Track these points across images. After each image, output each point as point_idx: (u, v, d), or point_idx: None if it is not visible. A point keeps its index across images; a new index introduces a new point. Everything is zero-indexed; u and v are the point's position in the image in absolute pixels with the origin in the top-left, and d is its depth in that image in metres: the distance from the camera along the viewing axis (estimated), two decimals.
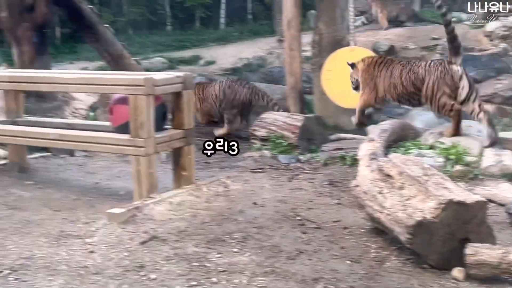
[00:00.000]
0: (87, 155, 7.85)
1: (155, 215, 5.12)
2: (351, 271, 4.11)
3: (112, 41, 11.39)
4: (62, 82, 5.99)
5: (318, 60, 9.22)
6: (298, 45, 8.69)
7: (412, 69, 6.90)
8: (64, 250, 4.47)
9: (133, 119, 5.41)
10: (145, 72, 8.78)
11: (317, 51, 9.38)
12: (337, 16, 9.08)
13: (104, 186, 6.43)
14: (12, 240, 4.70)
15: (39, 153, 7.69)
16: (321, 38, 9.27)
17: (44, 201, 5.80)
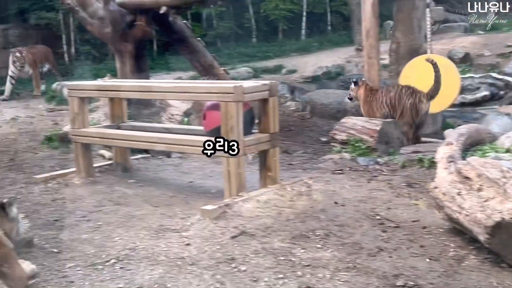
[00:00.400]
0: (182, 157, 8.03)
1: (244, 212, 5.17)
2: (430, 268, 3.99)
3: (203, 53, 11.61)
4: (160, 90, 6.17)
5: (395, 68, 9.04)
6: (377, 53, 8.55)
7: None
8: (163, 242, 4.60)
9: (224, 124, 5.49)
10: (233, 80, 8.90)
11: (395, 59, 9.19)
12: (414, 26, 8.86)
13: (198, 184, 6.56)
14: (117, 232, 4.89)
15: (140, 155, 7.95)
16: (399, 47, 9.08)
17: (145, 197, 5.99)
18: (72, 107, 6.75)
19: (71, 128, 6.90)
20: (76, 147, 6.78)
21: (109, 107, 7.24)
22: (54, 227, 5.08)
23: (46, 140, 8.89)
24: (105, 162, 7.45)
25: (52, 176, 6.75)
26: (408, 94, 7.91)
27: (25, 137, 9.57)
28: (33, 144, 8.97)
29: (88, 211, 5.55)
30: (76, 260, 4.28)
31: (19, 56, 13.38)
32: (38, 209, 5.66)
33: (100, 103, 10.71)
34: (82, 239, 4.75)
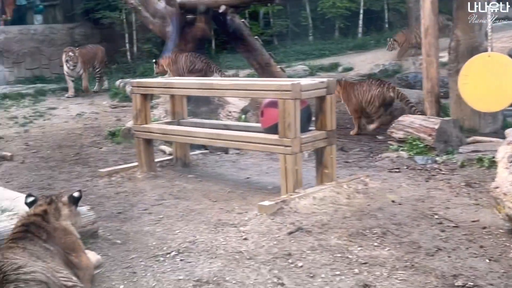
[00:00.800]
0: (239, 153, 8.09)
1: (300, 209, 5.17)
2: (490, 269, 3.88)
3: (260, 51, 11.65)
4: (220, 87, 6.22)
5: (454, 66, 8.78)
6: (436, 51, 8.32)
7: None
8: (222, 236, 4.65)
9: (281, 121, 5.49)
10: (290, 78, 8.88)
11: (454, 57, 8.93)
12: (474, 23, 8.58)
13: (254, 181, 6.60)
14: (178, 226, 4.98)
15: (199, 150, 8.06)
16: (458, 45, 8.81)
17: (203, 192, 6.07)
18: (135, 104, 6.90)
19: (134, 124, 7.07)
20: (138, 142, 6.94)
21: (170, 104, 7.37)
22: (118, 219, 5.22)
23: (109, 135, 9.15)
24: (166, 157, 7.60)
25: (115, 170, 6.93)
26: (376, 85, 9.18)
27: (90, 132, 9.87)
28: (97, 139, 9.25)
29: (149, 205, 5.67)
30: (139, 251, 4.39)
31: (71, 56, 13.68)
32: (103, 202, 5.82)
33: (160, 100, 10.92)
34: (144, 231, 4.86)
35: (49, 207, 3.74)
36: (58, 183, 6.71)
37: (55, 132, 9.92)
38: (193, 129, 6.56)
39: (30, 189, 6.40)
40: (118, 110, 12.03)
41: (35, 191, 6.28)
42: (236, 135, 6.04)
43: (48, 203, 3.77)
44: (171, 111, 7.38)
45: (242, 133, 6.09)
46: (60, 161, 7.91)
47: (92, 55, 14.33)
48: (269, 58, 11.64)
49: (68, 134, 9.80)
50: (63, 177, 6.98)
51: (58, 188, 6.46)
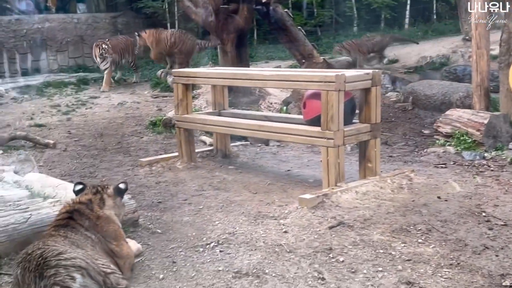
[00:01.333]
0: (279, 145, 8.10)
1: (342, 203, 5.13)
2: None
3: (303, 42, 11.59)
4: (261, 78, 6.21)
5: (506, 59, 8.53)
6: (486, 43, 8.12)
7: None
8: (261, 228, 4.66)
9: (324, 113, 5.45)
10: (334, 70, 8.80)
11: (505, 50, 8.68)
12: None
13: (295, 173, 6.59)
14: (217, 217, 5.01)
15: (239, 142, 8.09)
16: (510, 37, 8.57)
17: (244, 184, 6.10)
18: (177, 93, 6.97)
19: (175, 114, 7.14)
20: (179, 132, 7.01)
21: (211, 94, 7.42)
22: (158, 209, 5.29)
23: (150, 125, 9.27)
24: (206, 148, 7.66)
25: (156, 160, 7.03)
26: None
27: (131, 121, 10.03)
28: (138, 129, 9.39)
29: (189, 195, 5.74)
30: (179, 241, 4.44)
31: (105, 48, 13.83)
32: (143, 191, 5.91)
33: (201, 90, 11.02)
34: (184, 221, 4.92)
35: (94, 196, 3.82)
36: (100, 171, 6.84)
37: (97, 121, 10.11)
38: (234, 120, 6.59)
39: (72, 177, 6.56)
40: (159, 99, 12.17)
41: (76, 179, 6.43)
42: (277, 127, 6.03)
43: (94, 193, 3.85)
44: (212, 102, 7.42)
45: (283, 125, 6.08)
46: (102, 149, 8.06)
47: (123, 46, 14.38)
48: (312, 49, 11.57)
49: (110, 123, 9.98)
50: (105, 166, 7.11)
51: (99, 176, 6.60)
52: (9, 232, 4.07)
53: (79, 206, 3.70)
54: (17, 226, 4.12)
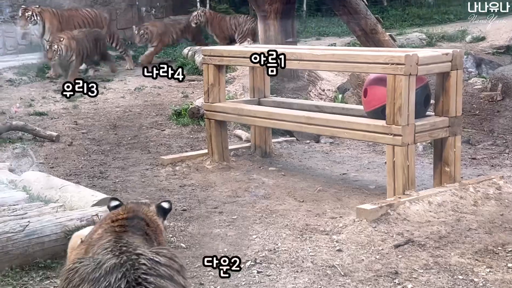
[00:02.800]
0: (333, 142, 8.06)
1: (411, 216, 5.08)
2: None
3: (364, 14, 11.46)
4: (312, 59, 6.19)
5: None
6: None
7: None
8: (309, 245, 4.65)
9: (390, 103, 5.40)
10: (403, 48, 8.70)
11: None
12: None
13: (352, 177, 6.55)
14: (255, 229, 5.03)
15: (283, 137, 8.08)
16: None
17: (287, 190, 6.09)
18: (207, 77, 7.00)
19: (204, 102, 7.18)
20: (209, 124, 7.05)
21: (249, 78, 7.43)
22: (182, 218, 5.34)
23: (174, 115, 9.35)
24: (242, 145, 7.68)
25: (180, 158, 7.08)
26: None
27: (151, 110, 10.13)
28: (159, 120, 9.47)
29: (221, 202, 5.76)
30: None
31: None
32: (164, 196, 5.96)
33: (237, 73, 11.04)
34: (214, 234, 4.95)
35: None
36: (112, 171, 6.94)
37: (109, 109, 10.25)
38: (276, 111, 6.58)
39: (78, 177, 6.67)
40: (185, 84, 12.24)
41: (84, 179, 6.55)
42: (331, 119, 6.01)
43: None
44: (250, 87, 7.44)
45: (338, 117, 6.05)
46: (115, 144, 8.17)
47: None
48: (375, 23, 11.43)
49: (125, 112, 10.10)
50: (118, 164, 7.21)
51: (111, 177, 6.69)
52: (3, 243, 4.17)
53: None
54: (12, 236, 4.21)
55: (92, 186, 6.07)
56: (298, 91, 10.36)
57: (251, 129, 7.50)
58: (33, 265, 4.21)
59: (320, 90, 9.81)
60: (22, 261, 4.18)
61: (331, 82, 9.86)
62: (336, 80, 9.95)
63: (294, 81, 10.88)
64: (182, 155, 7.25)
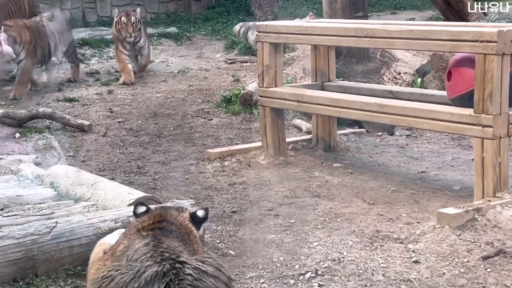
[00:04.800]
0: (410, 135, 7.99)
1: (503, 222, 5.00)
2: None
3: None
4: (385, 36, 6.12)
5: None
6: None
7: None
8: (380, 255, 4.62)
9: (478, 88, 5.33)
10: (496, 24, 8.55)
11: None
12: None
13: (432, 176, 6.48)
14: (316, 236, 5.01)
15: (350, 128, 8.03)
16: None
17: (355, 190, 6.06)
18: (261, 57, 7.01)
19: (258, 87, 7.19)
20: (263, 113, 7.06)
21: (311, 58, 7.41)
22: (232, 221, 5.36)
23: (223, 102, 9.40)
24: (302, 137, 7.68)
25: (230, 152, 7.12)
26: None
27: (197, 96, 10.21)
28: (206, 107, 9.54)
29: (276, 203, 5.77)
30: (260, 268, 4.47)
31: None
32: (211, 195, 6.01)
33: (297, 53, 11.03)
34: (268, 240, 4.95)
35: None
36: (151, 166, 7.02)
37: (148, 95, 10.37)
38: (343, 97, 6.55)
39: (113, 172, 6.76)
40: (236, 66, 12.32)
41: (119, 175, 6.64)
42: (408, 107, 5.94)
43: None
44: (312, 70, 7.42)
45: (416, 105, 5.99)
46: (155, 135, 8.26)
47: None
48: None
49: (167, 98, 10.20)
50: (158, 159, 7.28)
51: (150, 173, 6.77)
52: (27, 246, 4.24)
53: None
54: (38, 238, 4.28)
55: (128, 183, 6.15)
56: (369, 75, 10.30)
57: (313, 119, 7.48)
58: (61, 272, 4.28)
59: (395, 73, 9.72)
60: (49, 267, 4.25)
61: (409, 64, 9.75)
62: (415, 62, 9.83)
63: (364, 63, 10.83)
64: (232, 148, 7.29)
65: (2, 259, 4.12)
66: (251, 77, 10.68)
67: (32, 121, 8.51)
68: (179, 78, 11.61)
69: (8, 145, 7.69)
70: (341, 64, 10.14)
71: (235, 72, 11.67)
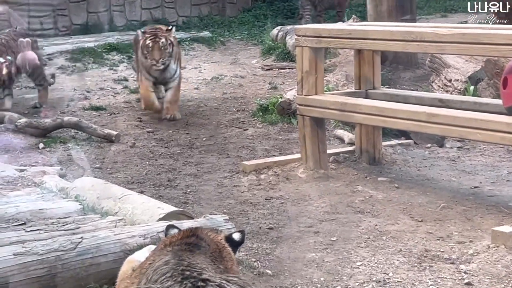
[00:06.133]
0: (462, 147, 7.93)
1: None
2: None
3: None
4: (435, 40, 6.09)
5: None
6: None
7: None
8: (429, 276, 4.60)
9: None
10: None
11: None
12: None
13: (486, 192, 6.44)
14: (359, 255, 5.00)
15: (397, 140, 7.98)
16: None
17: (402, 206, 6.04)
18: (301, 63, 7.01)
19: (297, 95, 7.20)
20: (303, 122, 7.06)
21: (355, 64, 7.39)
22: (268, 238, 5.36)
23: (259, 111, 9.41)
24: (344, 148, 7.66)
25: (266, 164, 7.13)
26: None
27: (231, 105, 10.24)
28: (241, 116, 9.57)
29: (317, 219, 5.76)
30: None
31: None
32: (246, 211, 6.01)
33: (339, 59, 11.01)
34: (308, 259, 4.94)
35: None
36: (183, 178, 7.04)
37: (180, 104, 10.41)
38: (389, 105, 6.52)
39: (142, 185, 6.80)
40: (273, 73, 12.34)
41: (149, 188, 6.67)
42: (459, 117, 5.90)
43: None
44: (355, 76, 7.41)
45: (469, 114, 5.94)
46: (187, 146, 8.30)
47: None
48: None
49: (199, 107, 10.24)
50: (190, 171, 7.31)
51: (181, 186, 6.79)
52: (50, 263, 4.27)
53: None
54: (62, 255, 4.31)
55: (158, 197, 6.17)
56: (417, 82, 10.24)
57: (356, 129, 7.47)
58: None
59: (446, 80, 9.67)
60: (73, 285, 4.27)
61: (460, 70, 9.69)
62: (467, 68, 9.77)
63: (412, 69, 10.77)
64: (269, 160, 7.29)
65: (24, 277, 4.15)
66: (289, 85, 10.69)
67: (56, 130, 8.59)
68: (212, 86, 11.65)
69: (31, 156, 7.78)
70: (387, 71, 10.10)
71: (272, 79, 11.69)
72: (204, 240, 3.36)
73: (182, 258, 3.05)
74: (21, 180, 6.39)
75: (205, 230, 3.55)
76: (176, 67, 9.86)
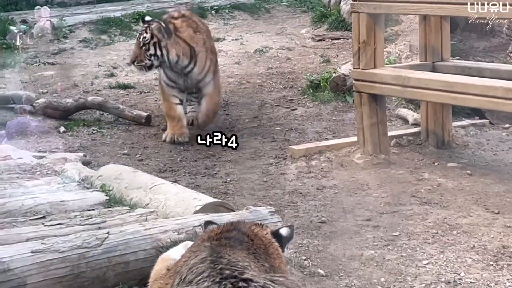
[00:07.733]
0: None
1: None
2: None
3: None
4: None
5: None
6: None
7: None
8: (507, 276, 4.57)
9: None
10: None
11: None
12: None
13: None
14: (426, 251, 4.98)
15: (469, 120, 7.93)
16: None
17: (475, 196, 6.00)
18: (357, 32, 6.98)
19: (353, 68, 7.18)
20: (360, 100, 7.03)
21: (420, 33, 7.35)
22: (320, 234, 5.36)
23: (309, 87, 9.39)
24: (408, 130, 7.64)
25: (318, 148, 7.14)
26: None
27: (277, 81, 10.22)
28: (288, 94, 9.56)
29: (376, 211, 5.75)
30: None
31: None
32: (295, 202, 6.02)
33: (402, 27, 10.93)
34: (366, 257, 4.93)
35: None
36: (222, 165, 7.07)
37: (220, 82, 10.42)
38: (460, 80, 6.47)
39: (175, 173, 6.83)
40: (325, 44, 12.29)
41: (183, 177, 6.69)
42: None
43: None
44: (421, 47, 7.37)
45: None
46: (226, 129, 8.29)
47: None
48: None
49: (241, 84, 10.24)
50: (230, 157, 7.33)
51: (221, 174, 6.81)
52: (73, 262, 4.30)
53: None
54: (86, 253, 4.34)
55: (194, 187, 6.21)
56: (493, 52, 10.17)
57: (422, 108, 7.44)
58: None
59: None
60: (99, 286, 4.30)
61: None
62: None
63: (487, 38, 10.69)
64: (321, 144, 7.29)
65: (43, 277, 4.17)
66: (344, 57, 10.66)
67: (79, 112, 8.64)
68: (255, 60, 11.63)
69: (51, 141, 7.84)
70: (457, 40, 10.02)
71: (325, 51, 11.66)
72: (246, 235, 3.36)
73: (221, 255, 3.04)
74: (40, 168, 6.41)
75: (248, 224, 3.56)
76: (209, 66, 8.51)
